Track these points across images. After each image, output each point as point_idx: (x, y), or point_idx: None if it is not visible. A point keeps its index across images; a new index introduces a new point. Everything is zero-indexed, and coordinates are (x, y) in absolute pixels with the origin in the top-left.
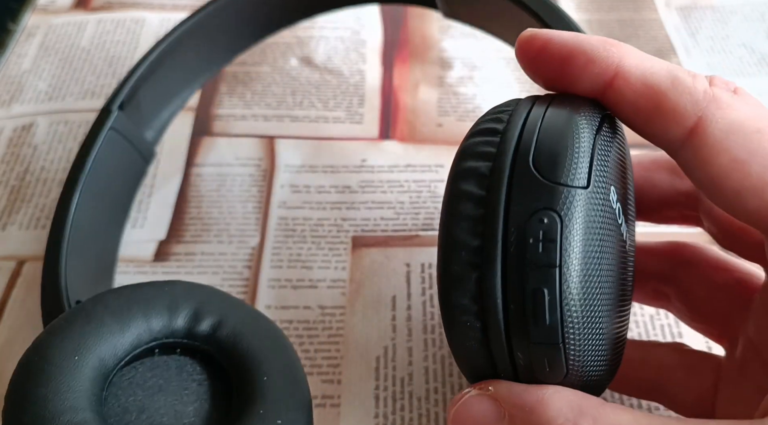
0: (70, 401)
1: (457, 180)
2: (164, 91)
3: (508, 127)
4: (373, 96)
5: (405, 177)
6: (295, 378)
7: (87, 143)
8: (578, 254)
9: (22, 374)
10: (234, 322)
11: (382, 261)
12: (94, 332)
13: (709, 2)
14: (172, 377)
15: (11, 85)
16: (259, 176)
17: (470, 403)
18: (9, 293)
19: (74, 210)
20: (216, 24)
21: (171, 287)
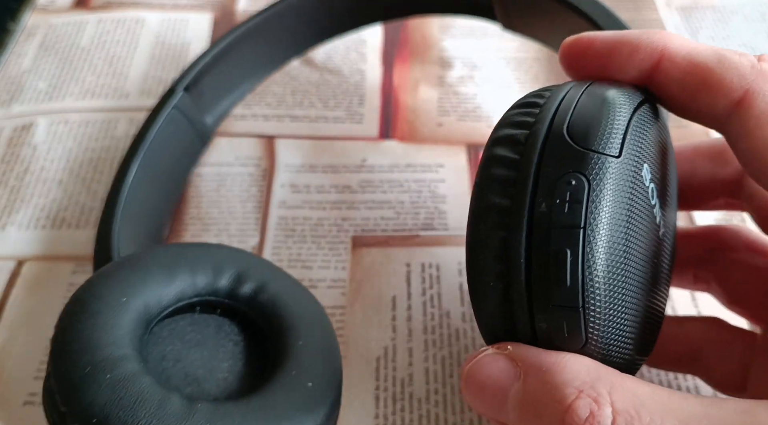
0: (114, 336)
1: (493, 146)
2: (226, 81)
3: (547, 101)
4: (373, 96)
5: (405, 177)
6: (329, 346)
7: (150, 118)
8: (604, 218)
9: (74, 306)
10: (275, 288)
11: (382, 261)
12: (142, 279)
13: (709, 2)
14: (210, 334)
15: (11, 85)
16: (259, 175)
17: (486, 361)
18: (8, 293)
19: (132, 178)
20: (282, 24)
21: (217, 249)
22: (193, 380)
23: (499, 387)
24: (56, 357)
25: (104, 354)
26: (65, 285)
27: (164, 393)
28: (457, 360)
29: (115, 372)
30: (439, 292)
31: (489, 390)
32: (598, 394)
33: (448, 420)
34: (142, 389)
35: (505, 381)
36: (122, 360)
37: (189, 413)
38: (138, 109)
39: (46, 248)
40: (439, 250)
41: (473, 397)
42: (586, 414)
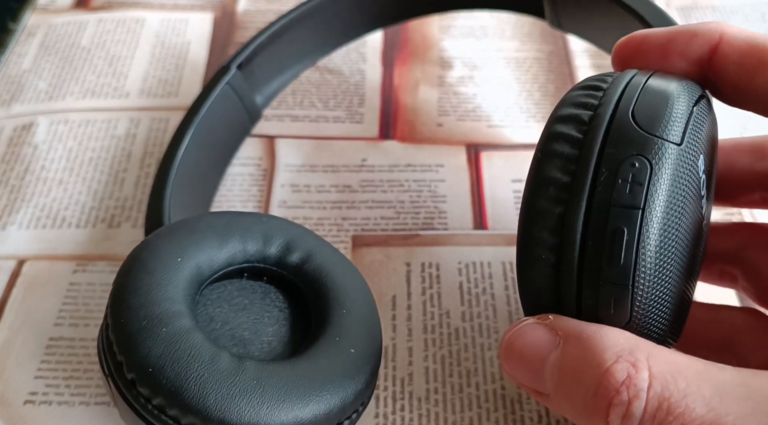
0: (169, 293)
1: (556, 123)
2: (278, 62)
3: (611, 85)
4: (373, 96)
5: (405, 177)
6: (371, 317)
7: (204, 93)
8: (662, 202)
9: (132, 263)
10: (322, 258)
11: (382, 260)
12: (196, 242)
13: (709, 2)
14: (257, 300)
15: (11, 85)
16: (260, 175)
17: (526, 330)
18: (9, 293)
19: (184, 148)
20: (335, 9)
21: (268, 219)
22: (240, 341)
23: (537, 355)
24: (115, 311)
25: (161, 309)
26: (66, 285)
27: (215, 350)
28: (456, 359)
29: (170, 327)
30: (438, 291)
31: (528, 358)
32: (636, 359)
33: (448, 419)
34: (195, 344)
35: (544, 349)
36: (177, 315)
37: (238, 369)
38: (138, 108)
39: (46, 247)
40: (439, 249)
41: (512, 365)
42: (623, 377)
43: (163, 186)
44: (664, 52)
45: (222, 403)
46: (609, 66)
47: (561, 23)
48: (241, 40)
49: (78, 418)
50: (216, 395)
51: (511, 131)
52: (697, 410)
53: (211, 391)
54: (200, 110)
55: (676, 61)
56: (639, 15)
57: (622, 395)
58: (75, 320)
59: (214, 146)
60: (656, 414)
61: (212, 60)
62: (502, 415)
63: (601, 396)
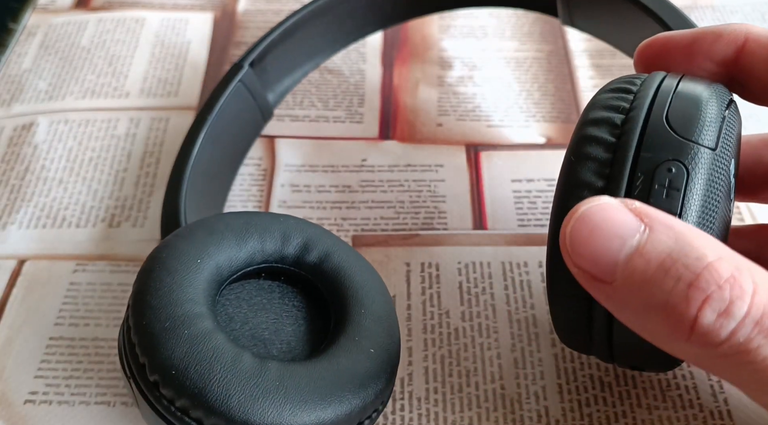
0: (190, 294)
1: (588, 126)
2: (290, 60)
3: (642, 88)
4: (373, 96)
5: (405, 177)
6: (389, 317)
7: (217, 91)
8: (698, 207)
9: (152, 264)
10: (339, 258)
11: (382, 260)
12: (215, 242)
13: (709, 2)
14: (275, 299)
15: (11, 85)
16: (260, 175)
17: (607, 207)
18: (9, 292)
19: (198, 145)
20: (348, 7)
21: (286, 218)
22: (260, 341)
23: (616, 234)
24: (137, 312)
25: (183, 310)
26: (66, 284)
27: (237, 351)
28: (456, 359)
29: (193, 328)
30: (438, 291)
31: (603, 236)
32: (739, 264)
33: (448, 418)
34: (217, 345)
35: (626, 229)
36: (199, 317)
37: (260, 370)
38: (138, 108)
39: (46, 247)
40: (438, 249)
41: (580, 241)
42: (727, 275)
43: (179, 185)
44: (689, 53)
45: (245, 405)
46: (608, 66)
47: (573, 20)
48: (242, 39)
49: (78, 418)
50: (239, 396)
51: (511, 131)
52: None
53: (234, 393)
54: (214, 107)
55: (702, 62)
56: (656, 15)
57: (725, 292)
58: (75, 319)
59: (228, 144)
60: (760, 320)
61: (212, 60)
62: (501, 415)
63: (697, 289)
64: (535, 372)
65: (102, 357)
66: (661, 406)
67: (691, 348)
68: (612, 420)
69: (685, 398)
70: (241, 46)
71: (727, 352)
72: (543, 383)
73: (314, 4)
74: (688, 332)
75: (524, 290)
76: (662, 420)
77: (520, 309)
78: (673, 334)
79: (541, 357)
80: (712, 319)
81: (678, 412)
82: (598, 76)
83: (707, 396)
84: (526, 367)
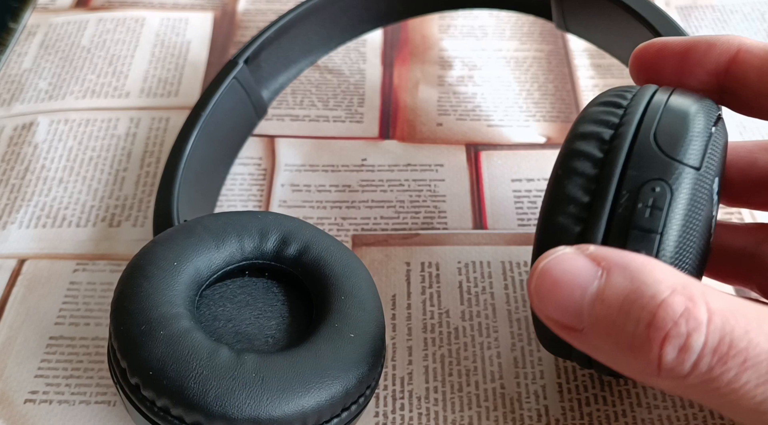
0: (167, 296)
1: (577, 140)
2: (284, 58)
3: (632, 103)
4: (373, 95)
5: (405, 176)
6: (371, 301)
7: (211, 87)
8: (678, 226)
9: (130, 271)
10: (318, 249)
11: (382, 260)
12: (192, 245)
13: (709, 2)
14: (259, 295)
15: (12, 84)
16: (260, 175)
17: (564, 258)
18: (9, 292)
19: (191, 142)
20: (342, 5)
21: (264, 215)
22: (244, 337)
23: (576, 284)
24: (115, 318)
25: (158, 313)
26: (66, 284)
27: (214, 346)
28: (456, 358)
29: (169, 329)
30: (438, 291)
31: (565, 287)
32: (692, 294)
33: (448, 418)
34: (193, 343)
35: (584, 278)
36: (175, 317)
37: (236, 363)
38: (138, 108)
39: (47, 246)
40: (438, 249)
41: (544, 295)
42: (681, 309)
43: (172, 183)
44: (682, 60)
45: (222, 398)
46: (608, 66)
47: (567, 25)
48: (242, 39)
49: (78, 417)
50: (216, 391)
51: (511, 131)
52: (762, 345)
53: (210, 387)
54: (208, 104)
55: (695, 70)
56: (647, 22)
57: (680, 327)
58: (75, 319)
59: (222, 141)
60: (717, 348)
61: (212, 59)
62: (501, 414)
63: (655, 328)
64: (535, 372)
65: (102, 356)
66: (661, 405)
67: (664, 381)
68: (612, 419)
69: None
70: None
71: (694, 382)
72: (543, 382)
73: (309, 3)
74: (656, 369)
75: (524, 290)
76: (662, 419)
77: (520, 309)
78: (644, 372)
79: (541, 356)
80: (674, 356)
81: (678, 411)
82: (598, 76)
83: None
84: (526, 366)
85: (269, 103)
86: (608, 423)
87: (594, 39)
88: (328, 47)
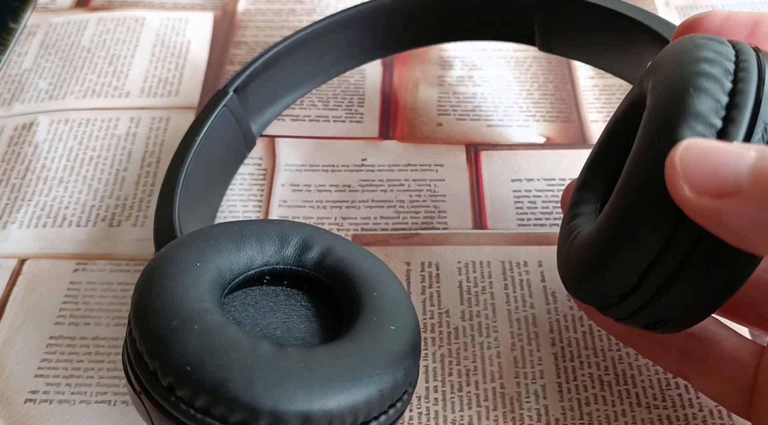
0: (195, 293)
1: (702, 63)
2: (270, 91)
3: (739, 48)
4: (373, 95)
5: (405, 176)
6: (403, 297)
7: (204, 114)
8: None
9: (149, 273)
10: (341, 251)
11: (382, 259)
12: (212, 247)
13: (709, 2)
14: (281, 302)
15: (12, 84)
16: (260, 175)
17: (714, 141)
18: (10, 292)
19: (187, 167)
20: (326, 41)
21: (280, 222)
22: (273, 340)
23: (729, 151)
24: (140, 320)
25: (189, 308)
26: (66, 283)
27: (254, 339)
28: (456, 358)
29: (203, 322)
30: (438, 290)
31: (716, 154)
32: None
33: (448, 417)
34: (231, 335)
35: (735, 150)
36: (207, 312)
37: (281, 354)
38: (138, 108)
39: (47, 246)
40: (438, 249)
41: (694, 160)
42: None
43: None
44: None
45: (270, 390)
46: None
47: (552, 48)
48: (242, 39)
49: (78, 417)
50: (263, 382)
51: (511, 131)
52: None
53: (256, 379)
54: (201, 130)
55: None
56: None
57: None
58: (75, 318)
59: (215, 167)
60: None
61: (212, 59)
62: (501, 414)
63: None
64: (535, 371)
65: (102, 356)
66: (661, 405)
67: None
68: (612, 419)
69: (685, 397)
70: (241, 46)
71: None
72: (543, 382)
73: (294, 37)
74: None
75: (524, 290)
76: (662, 419)
77: (519, 308)
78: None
79: (541, 356)
80: None
81: (678, 411)
82: (597, 76)
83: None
84: (525, 366)
85: (257, 136)
86: (608, 423)
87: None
88: (314, 82)
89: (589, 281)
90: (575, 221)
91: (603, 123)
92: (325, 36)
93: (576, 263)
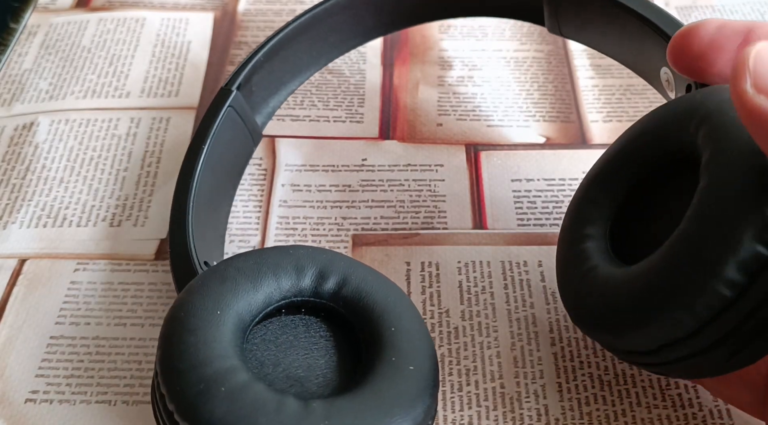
0: (218, 350)
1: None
2: (275, 81)
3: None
4: (373, 96)
5: (405, 176)
6: (420, 330)
7: (208, 117)
8: None
9: (170, 326)
10: (357, 280)
11: (382, 260)
12: (230, 290)
13: (708, 2)
14: (301, 334)
15: (12, 84)
16: (260, 175)
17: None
18: (10, 292)
19: (197, 178)
20: (330, 23)
21: (295, 250)
22: (296, 381)
23: None
24: (167, 379)
25: (214, 368)
26: (67, 283)
27: (279, 397)
28: (456, 358)
29: (228, 384)
30: (438, 290)
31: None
32: None
33: (448, 417)
34: (257, 396)
35: None
36: (232, 371)
37: (306, 413)
38: (139, 108)
39: (47, 246)
40: (438, 248)
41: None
42: None
43: (183, 222)
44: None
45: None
46: (608, 66)
47: (561, 29)
48: (242, 39)
49: (79, 417)
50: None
51: (511, 131)
52: None
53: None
54: (207, 136)
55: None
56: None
57: None
58: (76, 318)
59: (224, 173)
60: None
61: (213, 60)
62: (501, 413)
63: None
64: (535, 371)
65: (103, 356)
66: (661, 405)
67: None
68: (611, 419)
69: (685, 397)
70: (242, 46)
71: None
72: (542, 381)
73: (296, 22)
74: None
75: (524, 290)
76: (662, 418)
77: (519, 308)
78: None
79: (541, 355)
80: None
81: (677, 411)
82: (597, 76)
83: (706, 395)
84: (525, 366)
85: (262, 128)
86: (608, 422)
87: (589, 41)
88: (317, 65)
89: (626, 329)
90: (585, 245)
91: (603, 123)
92: (328, 18)
93: (605, 306)
